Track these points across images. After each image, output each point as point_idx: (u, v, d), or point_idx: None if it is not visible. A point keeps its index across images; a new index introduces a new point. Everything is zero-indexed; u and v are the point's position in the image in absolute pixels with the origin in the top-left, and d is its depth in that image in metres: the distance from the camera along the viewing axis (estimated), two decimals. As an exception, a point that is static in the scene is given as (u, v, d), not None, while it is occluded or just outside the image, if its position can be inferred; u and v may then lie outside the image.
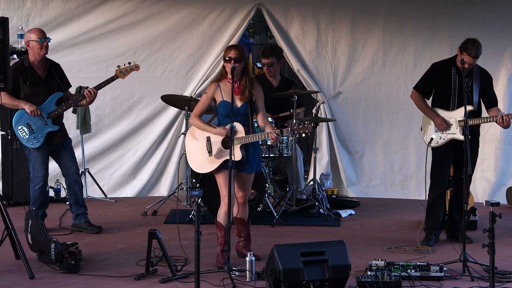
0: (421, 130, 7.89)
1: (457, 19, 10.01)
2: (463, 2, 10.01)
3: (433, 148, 7.74)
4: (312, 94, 10.15)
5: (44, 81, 7.92)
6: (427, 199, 7.89)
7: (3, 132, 9.51)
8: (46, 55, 7.94)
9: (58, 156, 8.05)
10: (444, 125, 7.61)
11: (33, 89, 7.87)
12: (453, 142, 7.63)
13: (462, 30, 9.47)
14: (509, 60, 9.98)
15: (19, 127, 7.85)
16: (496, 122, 7.51)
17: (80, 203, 8.14)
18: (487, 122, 7.63)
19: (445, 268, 6.64)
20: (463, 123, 7.40)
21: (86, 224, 8.09)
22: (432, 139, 7.69)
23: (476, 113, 7.62)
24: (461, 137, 7.45)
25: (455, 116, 7.60)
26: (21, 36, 9.45)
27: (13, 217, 7.00)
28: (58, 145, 7.97)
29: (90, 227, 8.08)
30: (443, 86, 7.66)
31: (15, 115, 7.88)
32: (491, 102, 7.73)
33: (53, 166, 10.00)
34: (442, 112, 7.67)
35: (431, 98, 7.86)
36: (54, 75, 8.00)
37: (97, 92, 8.01)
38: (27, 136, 7.83)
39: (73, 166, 8.09)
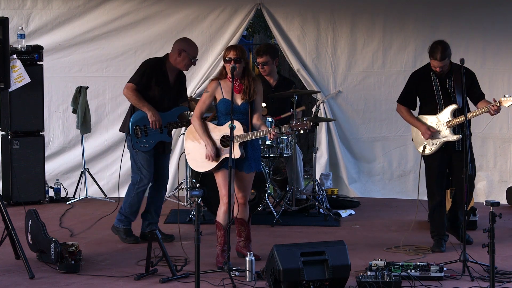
0: (412, 140, 7.83)
1: (457, 19, 10.01)
2: (463, 2, 10.01)
3: (424, 157, 7.67)
4: (312, 94, 10.17)
5: (171, 89, 7.77)
6: (427, 207, 7.84)
7: (3, 132, 9.51)
8: None
9: (156, 162, 7.81)
10: (428, 133, 7.54)
11: (162, 93, 7.67)
12: (443, 146, 7.58)
13: (462, 30, 9.49)
14: (509, 60, 9.98)
15: (135, 126, 7.65)
16: (490, 113, 7.42)
17: (158, 213, 7.99)
18: (477, 115, 7.49)
19: (445, 268, 6.65)
20: (451, 123, 7.40)
21: (142, 235, 7.91)
22: (425, 146, 7.62)
23: (461, 112, 7.51)
24: (453, 138, 7.44)
25: (442, 118, 7.54)
26: (21, 36, 9.45)
27: (13, 217, 7.01)
28: (161, 152, 7.82)
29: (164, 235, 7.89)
30: (426, 92, 7.61)
31: (136, 113, 7.63)
32: (478, 96, 7.62)
33: (53, 166, 10.08)
34: (430, 117, 7.60)
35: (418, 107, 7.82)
36: (181, 86, 7.87)
37: None
38: (139, 138, 7.65)
39: (167, 176, 8.01)
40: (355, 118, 10.32)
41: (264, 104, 7.91)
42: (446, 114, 7.51)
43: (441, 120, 7.53)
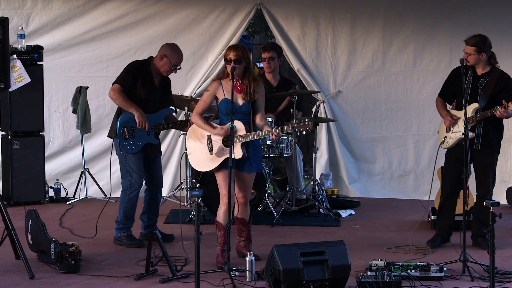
0: (438, 133, 7.87)
1: (457, 18, 10.01)
2: (463, 2, 10.01)
3: (446, 149, 7.73)
4: (312, 94, 10.17)
5: (157, 91, 7.75)
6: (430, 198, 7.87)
7: (3, 132, 9.51)
8: None
9: (148, 165, 7.80)
10: (449, 119, 7.59)
11: (147, 95, 7.66)
12: (462, 143, 7.57)
13: (462, 29, 9.47)
14: (509, 60, 9.97)
15: (123, 128, 7.62)
16: (495, 115, 7.43)
17: (156, 215, 7.98)
18: (486, 116, 7.49)
19: (445, 268, 6.65)
20: (469, 120, 7.40)
21: (141, 236, 7.93)
22: (445, 138, 7.68)
23: (482, 111, 7.52)
24: (468, 135, 7.45)
25: (463, 114, 7.54)
26: (21, 36, 9.45)
27: (13, 217, 7.01)
28: (151, 155, 7.80)
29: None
30: (459, 87, 7.63)
31: (123, 114, 7.62)
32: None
33: (53, 166, 10.08)
34: (455, 113, 7.65)
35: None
36: (166, 89, 7.84)
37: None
38: (126, 139, 7.63)
39: (161, 178, 7.97)
40: (355, 118, 10.32)
41: None
42: (467, 111, 7.50)
43: (462, 117, 7.54)
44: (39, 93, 9.50)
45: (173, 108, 7.94)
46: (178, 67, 7.76)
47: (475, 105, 7.48)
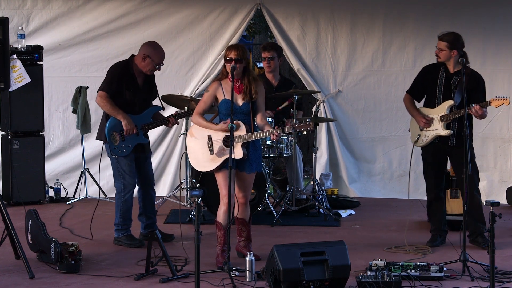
0: (409, 131, 7.89)
1: (457, 18, 10.01)
2: (463, 2, 10.01)
3: (421, 149, 7.74)
4: (312, 94, 10.17)
5: (141, 90, 7.75)
6: (409, 197, 7.89)
7: (3, 132, 9.51)
8: None
9: (139, 165, 7.82)
10: (423, 120, 7.61)
11: (132, 97, 7.66)
12: (438, 141, 7.61)
13: (462, 29, 9.45)
14: (509, 60, 9.98)
15: (112, 133, 7.61)
16: (472, 114, 7.44)
17: (154, 213, 7.99)
18: (461, 114, 7.46)
19: (445, 268, 6.65)
20: (445, 118, 7.46)
21: (141, 236, 7.94)
22: (418, 137, 7.69)
23: (458, 109, 7.51)
24: (444, 132, 7.50)
25: (437, 112, 7.59)
26: (21, 36, 9.45)
27: (13, 217, 7.01)
28: (141, 154, 7.82)
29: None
30: (431, 86, 7.66)
31: (110, 119, 7.61)
32: (476, 101, 7.58)
33: (53, 166, 10.07)
34: (426, 110, 7.67)
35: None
36: (150, 86, 7.84)
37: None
38: (117, 143, 7.63)
39: (152, 177, 7.99)
40: (355, 118, 10.32)
41: None
42: (441, 108, 7.55)
43: (436, 114, 7.57)
44: (39, 93, 9.50)
45: (160, 105, 7.95)
46: (162, 64, 7.76)
47: (450, 102, 7.50)
